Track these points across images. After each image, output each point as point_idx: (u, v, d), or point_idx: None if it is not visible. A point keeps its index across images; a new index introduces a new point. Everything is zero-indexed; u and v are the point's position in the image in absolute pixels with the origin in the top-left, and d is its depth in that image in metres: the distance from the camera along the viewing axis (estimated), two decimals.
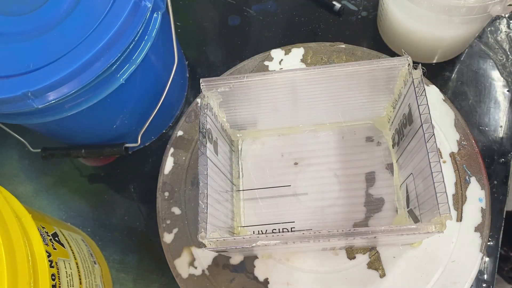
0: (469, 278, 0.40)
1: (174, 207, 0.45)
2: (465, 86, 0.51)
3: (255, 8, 0.58)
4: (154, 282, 0.47)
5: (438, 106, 0.45)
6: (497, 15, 0.39)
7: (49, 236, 0.37)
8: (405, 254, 0.41)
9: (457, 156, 0.44)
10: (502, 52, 0.51)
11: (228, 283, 0.42)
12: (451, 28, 0.44)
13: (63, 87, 0.36)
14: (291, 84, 0.40)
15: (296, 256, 0.42)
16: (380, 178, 0.44)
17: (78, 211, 0.51)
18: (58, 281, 0.35)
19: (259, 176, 0.45)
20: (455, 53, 0.51)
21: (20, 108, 0.37)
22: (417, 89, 0.36)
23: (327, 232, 0.33)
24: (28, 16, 0.39)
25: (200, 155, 0.36)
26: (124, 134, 0.49)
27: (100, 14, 0.37)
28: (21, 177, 0.54)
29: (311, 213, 0.43)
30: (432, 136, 0.35)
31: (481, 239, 0.41)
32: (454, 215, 0.41)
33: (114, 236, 0.50)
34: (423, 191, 0.36)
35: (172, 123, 0.53)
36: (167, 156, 0.47)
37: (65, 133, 0.47)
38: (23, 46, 0.38)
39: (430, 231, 0.32)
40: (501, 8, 0.38)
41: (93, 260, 0.44)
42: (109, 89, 0.40)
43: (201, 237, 0.34)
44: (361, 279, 0.40)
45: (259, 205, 0.44)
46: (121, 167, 0.52)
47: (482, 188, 0.42)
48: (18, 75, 0.36)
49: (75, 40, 0.37)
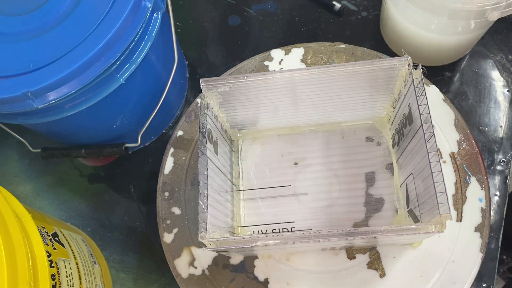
0: (469, 278, 0.40)
1: (174, 207, 0.45)
2: (465, 86, 0.51)
3: (255, 8, 0.58)
4: (154, 282, 0.47)
5: (438, 106, 0.45)
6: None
7: (49, 236, 0.37)
8: (405, 254, 0.41)
9: (457, 156, 0.44)
10: (502, 52, 0.51)
11: (228, 283, 0.42)
12: (451, 34, 0.44)
13: (63, 87, 0.36)
14: (291, 84, 0.40)
15: (296, 256, 0.42)
16: (380, 178, 0.44)
17: (78, 211, 0.51)
18: (58, 281, 0.35)
19: (259, 176, 0.45)
20: (455, 58, 0.51)
21: (20, 108, 0.37)
22: (417, 89, 0.36)
23: (327, 232, 0.33)
24: (28, 16, 0.39)
25: (200, 155, 0.36)
26: (124, 134, 0.49)
27: (100, 14, 0.37)
28: (21, 177, 0.54)
29: (311, 213, 0.43)
30: (432, 136, 0.35)
31: (481, 239, 0.41)
32: (454, 215, 0.41)
33: (114, 236, 0.50)
34: (423, 191, 0.36)
35: (172, 123, 0.53)
36: (167, 156, 0.47)
37: (65, 133, 0.47)
38: (23, 46, 0.38)
39: (430, 231, 0.32)
40: (498, 14, 0.39)
41: (93, 260, 0.44)
42: (109, 89, 0.40)
43: (201, 237, 0.34)
44: (361, 279, 0.40)
45: (259, 205, 0.44)
46: (121, 167, 0.52)
47: (482, 188, 0.42)
48: (18, 75, 0.36)
49: (75, 40, 0.37)
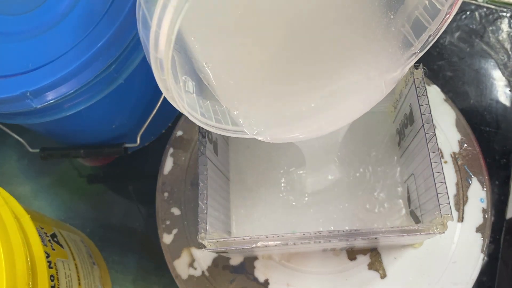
0: (471, 279, 0.39)
1: (174, 207, 0.44)
2: (467, 86, 0.50)
3: None
4: (153, 283, 0.47)
5: (439, 106, 0.45)
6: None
7: (48, 236, 0.37)
8: (406, 255, 0.41)
9: (458, 156, 0.43)
10: (503, 52, 0.51)
11: (228, 284, 0.41)
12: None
13: (62, 86, 0.36)
14: None
15: (296, 257, 0.41)
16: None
17: (77, 211, 0.51)
18: (57, 282, 0.35)
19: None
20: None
21: (18, 108, 0.37)
22: (418, 89, 0.36)
23: (327, 233, 0.33)
24: (27, 16, 0.39)
25: (200, 155, 0.36)
26: (123, 134, 0.48)
27: (100, 13, 0.37)
28: (20, 177, 0.54)
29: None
30: (434, 137, 0.34)
31: (483, 240, 0.40)
32: (456, 216, 0.41)
33: (113, 236, 0.49)
34: (425, 192, 0.36)
35: (171, 123, 0.53)
36: (167, 156, 0.46)
37: (64, 133, 0.47)
38: (21, 45, 0.38)
39: (432, 232, 0.32)
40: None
41: (92, 261, 0.43)
42: (108, 88, 0.40)
43: (201, 238, 0.34)
44: (362, 280, 0.40)
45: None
46: (121, 167, 0.52)
47: (484, 188, 0.42)
48: (17, 74, 0.36)
49: (74, 39, 0.36)
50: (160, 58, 0.24)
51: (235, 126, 0.32)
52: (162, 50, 0.23)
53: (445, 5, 0.28)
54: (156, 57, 0.24)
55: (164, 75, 0.25)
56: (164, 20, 0.22)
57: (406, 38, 0.31)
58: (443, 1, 0.28)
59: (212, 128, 0.31)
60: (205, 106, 0.30)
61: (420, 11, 0.30)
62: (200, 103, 0.30)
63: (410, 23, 0.31)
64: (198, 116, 0.29)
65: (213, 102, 0.31)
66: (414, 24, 0.30)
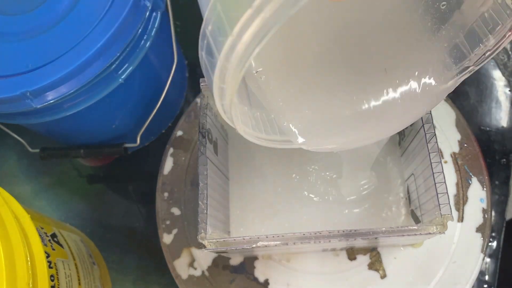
0: (470, 279, 0.39)
1: (174, 207, 0.44)
2: (467, 86, 0.50)
3: None
4: (153, 283, 0.47)
5: (439, 106, 0.45)
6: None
7: (48, 236, 0.37)
8: (406, 254, 0.41)
9: (458, 156, 0.43)
10: (503, 52, 0.51)
11: (228, 284, 0.41)
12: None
13: (62, 86, 0.36)
14: None
15: (296, 257, 0.41)
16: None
17: (77, 211, 0.51)
18: (57, 282, 0.35)
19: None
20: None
21: (18, 108, 0.37)
22: None
23: (327, 233, 0.33)
24: (27, 16, 0.39)
25: (200, 155, 0.36)
26: (123, 134, 0.48)
27: (99, 13, 0.37)
28: (20, 177, 0.54)
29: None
30: (434, 137, 0.34)
31: (483, 240, 0.40)
32: (456, 216, 0.41)
33: (113, 236, 0.49)
34: (425, 192, 0.36)
35: (171, 123, 0.53)
36: (167, 156, 0.46)
37: (64, 133, 0.47)
38: (21, 45, 0.38)
39: (432, 232, 0.32)
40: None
41: (92, 261, 0.43)
42: (108, 88, 0.40)
43: (201, 237, 0.34)
44: (362, 280, 0.40)
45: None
46: (120, 167, 0.52)
47: (484, 188, 0.42)
48: (17, 74, 0.36)
49: (74, 39, 0.36)
50: (224, 88, 0.24)
51: (283, 135, 0.32)
52: (229, 82, 0.23)
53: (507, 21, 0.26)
54: (220, 87, 0.24)
55: (225, 101, 0.25)
56: (233, 57, 0.21)
57: (460, 50, 0.30)
58: (505, 17, 0.26)
59: (263, 141, 0.31)
60: (255, 118, 0.31)
61: (478, 23, 0.28)
62: (251, 115, 0.30)
63: (464, 33, 0.29)
64: (250, 131, 0.30)
65: (261, 112, 0.32)
66: (468, 36, 0.29)
